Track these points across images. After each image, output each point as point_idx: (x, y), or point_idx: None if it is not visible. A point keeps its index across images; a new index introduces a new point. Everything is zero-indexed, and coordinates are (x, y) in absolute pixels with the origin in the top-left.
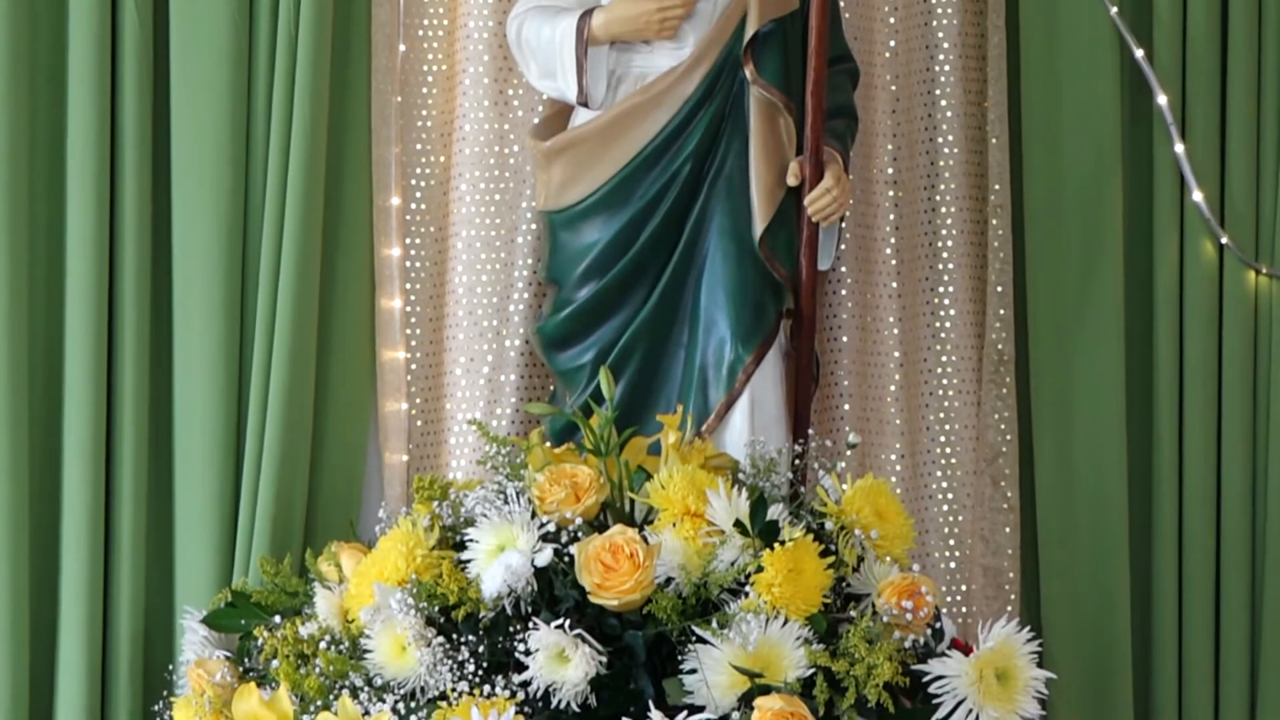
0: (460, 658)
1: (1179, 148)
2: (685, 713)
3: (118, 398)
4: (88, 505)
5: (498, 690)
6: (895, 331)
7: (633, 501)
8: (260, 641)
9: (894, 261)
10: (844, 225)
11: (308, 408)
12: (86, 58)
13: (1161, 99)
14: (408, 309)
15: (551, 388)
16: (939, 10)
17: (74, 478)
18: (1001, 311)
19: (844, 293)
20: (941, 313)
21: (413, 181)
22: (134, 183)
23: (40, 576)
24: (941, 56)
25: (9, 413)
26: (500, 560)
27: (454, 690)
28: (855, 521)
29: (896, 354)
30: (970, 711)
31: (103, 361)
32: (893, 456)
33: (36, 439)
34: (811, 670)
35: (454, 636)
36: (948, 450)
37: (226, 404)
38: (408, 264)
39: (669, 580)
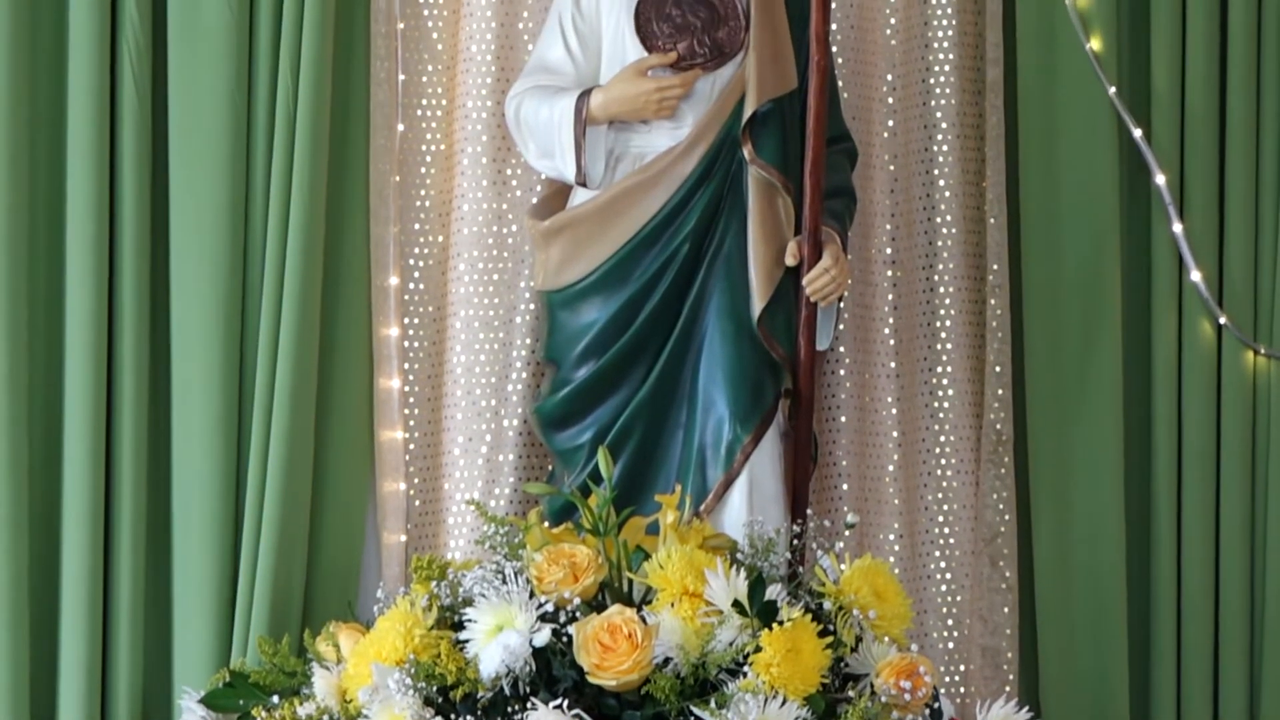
0: None
1: (1177, 227)
2: None
3: (116, 476)
4: (86, 585)
5: None
6: (894, 411)
7: (631, 581)
8: None
9: (892, 341)
10: (842, 305)
11: (306, 487)
12: (85, 135)
13: (1160, 179)
14: (406, 389)
15: (550, 467)
16: (937, 90)
17: (73, 559)
18: (1000, 391)
19: (842, 372)
20: (940, 392)
21: (411, 261)
22: (133, 261)
23: (39, 658)
24: (940, 136)
25: (8, 503)
26: (498, 640)
27: None
28: (854, 601)
29: (895, 434)
30: None
31: (101, 439)
32: (891, 536)
33: (36, 514)
34: None
35: (452, 717)
36: (946, 530)
37: (225, 483)
38: (406, 344)
39: (667, 660)
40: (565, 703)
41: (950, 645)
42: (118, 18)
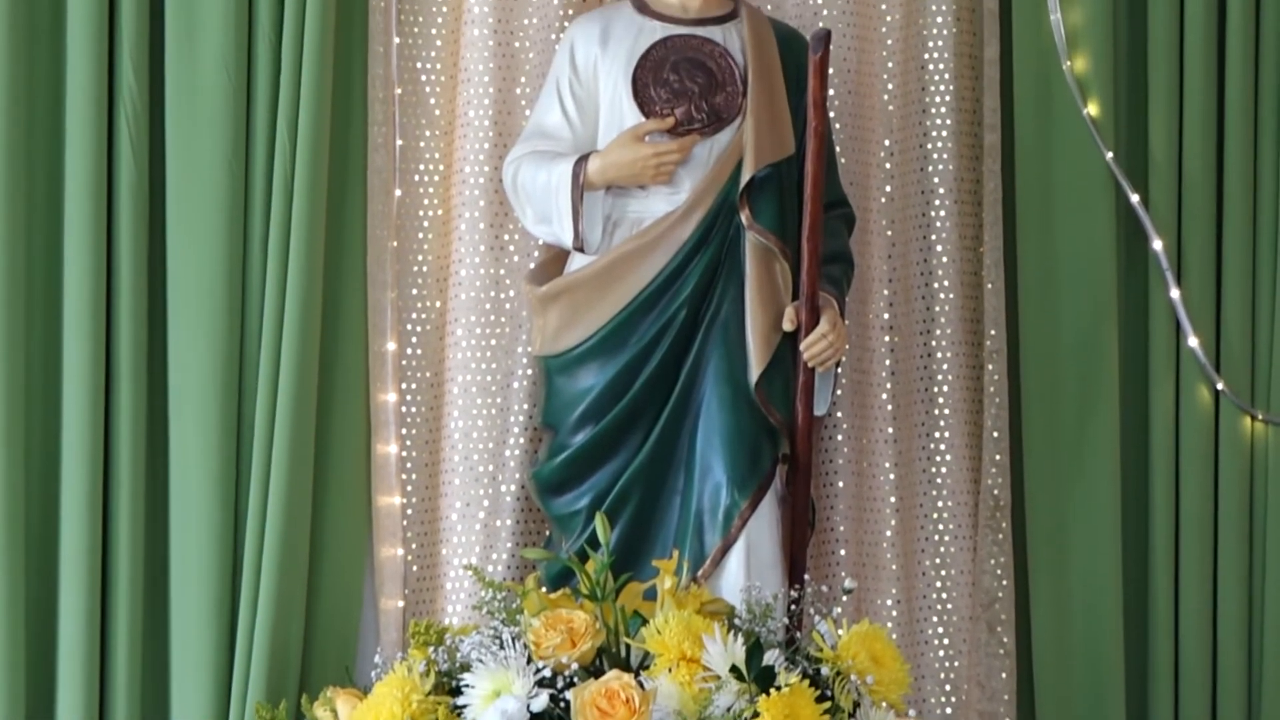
0: None
1: (1175, 293)
2: None
3: (112, 541)
4: (83, 653)
5: None
6: (891, 477)
7: (629, 646)
8: None
9: (890, 407)
10: (840, 370)
11: (304, 553)
12: (82, 199)
13: (1157, 244)
14: (404, 454)
15: (547, 533)
16: (935, 156)
17: (69, 625)
18: (997, 457)
19: (840, 438)
20: (937, 458)
21: (408, 326)
22: (129, 328)
23: None
24: (937, 202)
25: (4, 570)
26: (496, 705)
27: None
28: (851, 667)
29: (892, 499)
30: None
31: (98, 507)
32: (888, 602)
33: (32, 583)
34: None
35: None
36: (943, 595)
37: (222, 547)
38: (404, 409)
39: None
40: None
41: (948, 711)
42: (115, 82)
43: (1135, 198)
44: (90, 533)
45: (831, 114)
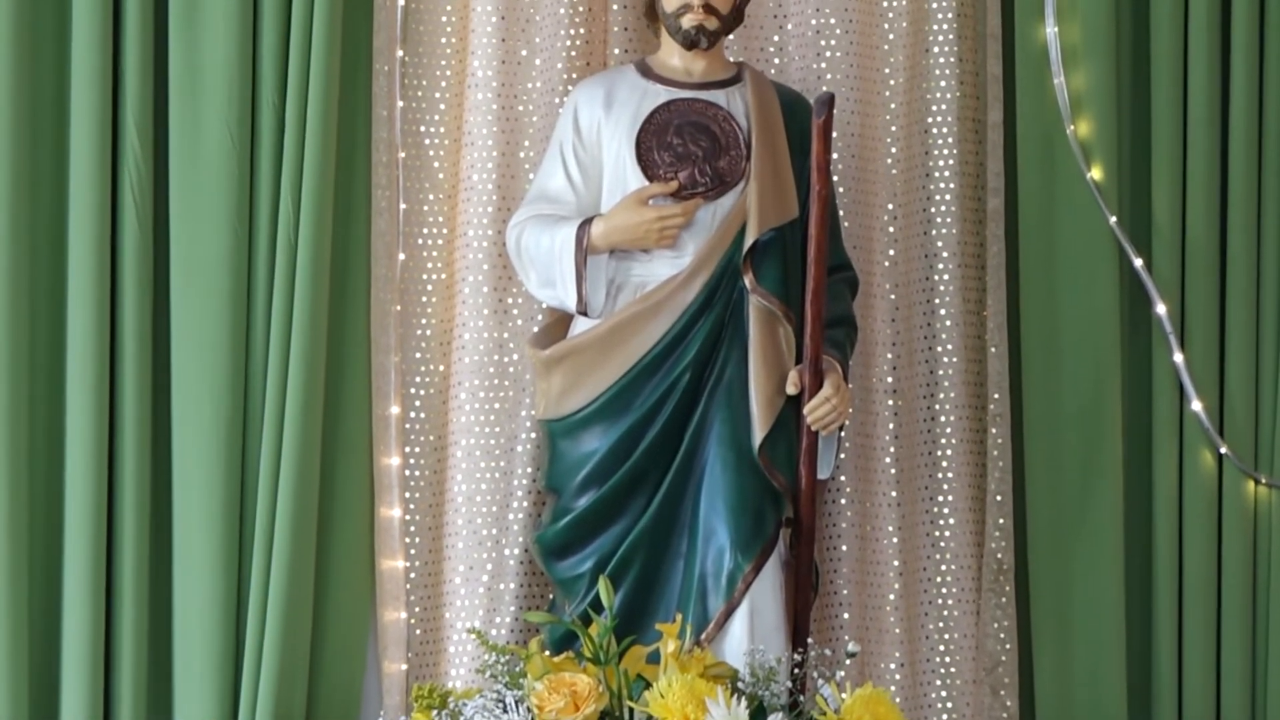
0: None
1: (1178, 357)
2: None
3: (116, 608)
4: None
5: None
6: (895, 540)
7: (632, 710)
8: None
9: (893, 470)
10: (843, 434)
11: (307, 616)
12: (86, 262)
13: (1160, 308)
14: (407, 518)
15: (551, 596)
16: (938, 220)
17: (72, 699)
18: (1001, 520)
19: (843, 501)
20: (941, 521)
21: (412, 390)
22: (134, 390)
23: None
24: (941, 265)
25: (6, 652)
26: None
27: None
28: None
29: (896, 563)
30: None
31: (102, 572)
32: (892, 665)
33: (36, 663)
34: None
35: None
36: (947, 659)
37: (226, 610)
38: (407, 473)
39: None
40: None
41: None
42: (119, 145)
43: (1139, 262)
44: (94, 596)
45: (835, 178)
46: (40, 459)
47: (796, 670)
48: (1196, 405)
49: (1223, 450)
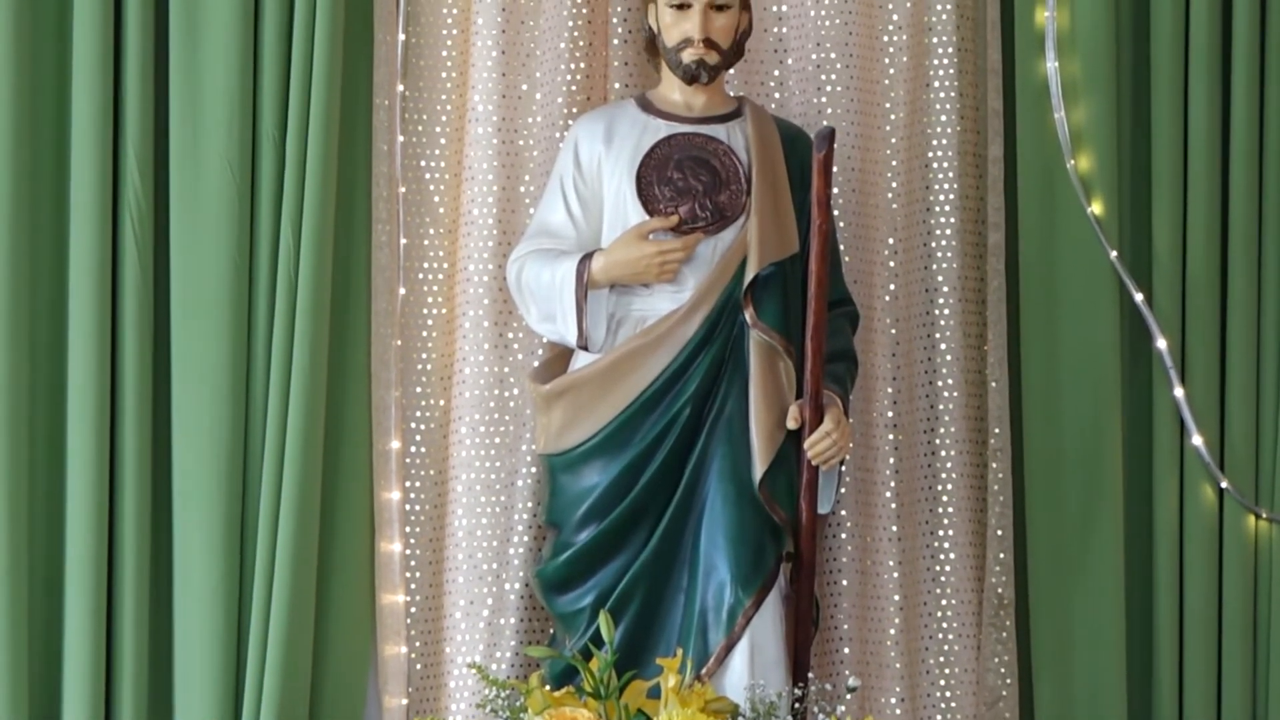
0: None
1: (1178, 392)
2: None
3: (117, 644)
4: None
5: None
6: (895, 575)
7: None
8: None
9: (894, 505)
10: (844, 469)
11: (307, 650)
12: (87, 301)
13: (1161, 343)
14: (407, 552)
15: (551, 631)
16: (939, 254)
17: None
18: (1001, 555)
19: (844, 536)
20: (941, 556)
21: (412, 425)
22: (134, 426)
23: None
24: (941, 300)
25: (6, 681)
26: None
27: None
28: None
29: (896, 597)
30: None
31: (102, 610)
32: (893, 700)
33: (36, 696)
34: None
35: None
36: (948, 694)
37: (226, 643)
38: (407, 507)
39: None
40: None
41: None
42: (119, 179)
43: (1139, 296)
44: (94, 637)
45: (835, 212)
46: (40, 497)
47: (797, 705)
48: (1197, 440)
49: (1223, 485)
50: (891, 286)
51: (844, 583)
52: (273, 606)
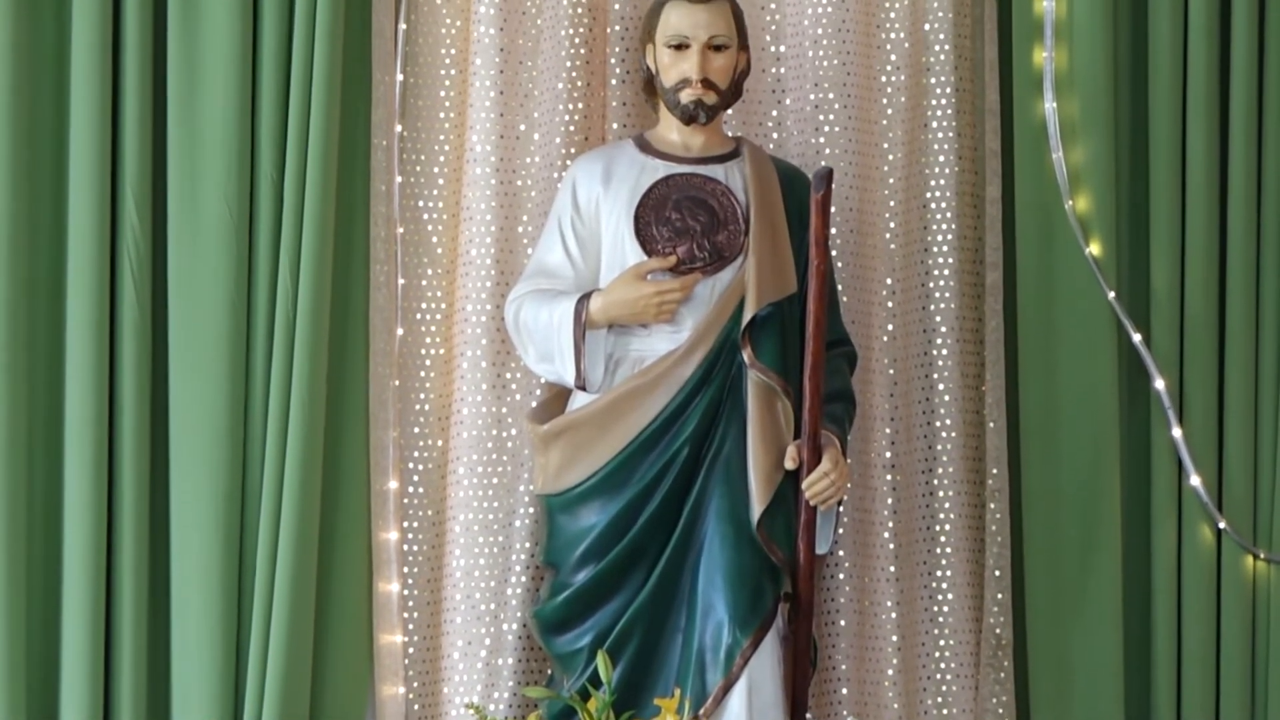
0: None
1: (1177, 432)
2: None
3: (115, 679)
4: None
5: None
6: (893, 615)
7: None
8: None
9: (892, 546)
10: (842, 509)
11: (305, 690)
12: (85, 338)
13: (1159, 383)
14: (405, 592)
15: (549, 671)
16: (937, 294)
17: None
18: (999, 596)
19: (842, 577)
20: (939, 597)
21: (410, 465)
22: (132, 465)
23: None
24: (939, 340)
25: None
26: None
27: None
28: None
29: (894, 638)
30: None
31: (100, 648)
32: None
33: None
34: None
35: None
36: None
37: (224, 685)
38: (405, 547)
39: None
40: None
41: None
42: (117, 220)
43: (1137, 337)
44: (92, 675)
45: (833, 252)
46: (39, 537)
47: None
48: (1195, 480)
49: (1221, 525)
50: (889, 327)
51: (842, 623)
52: (270, 646)
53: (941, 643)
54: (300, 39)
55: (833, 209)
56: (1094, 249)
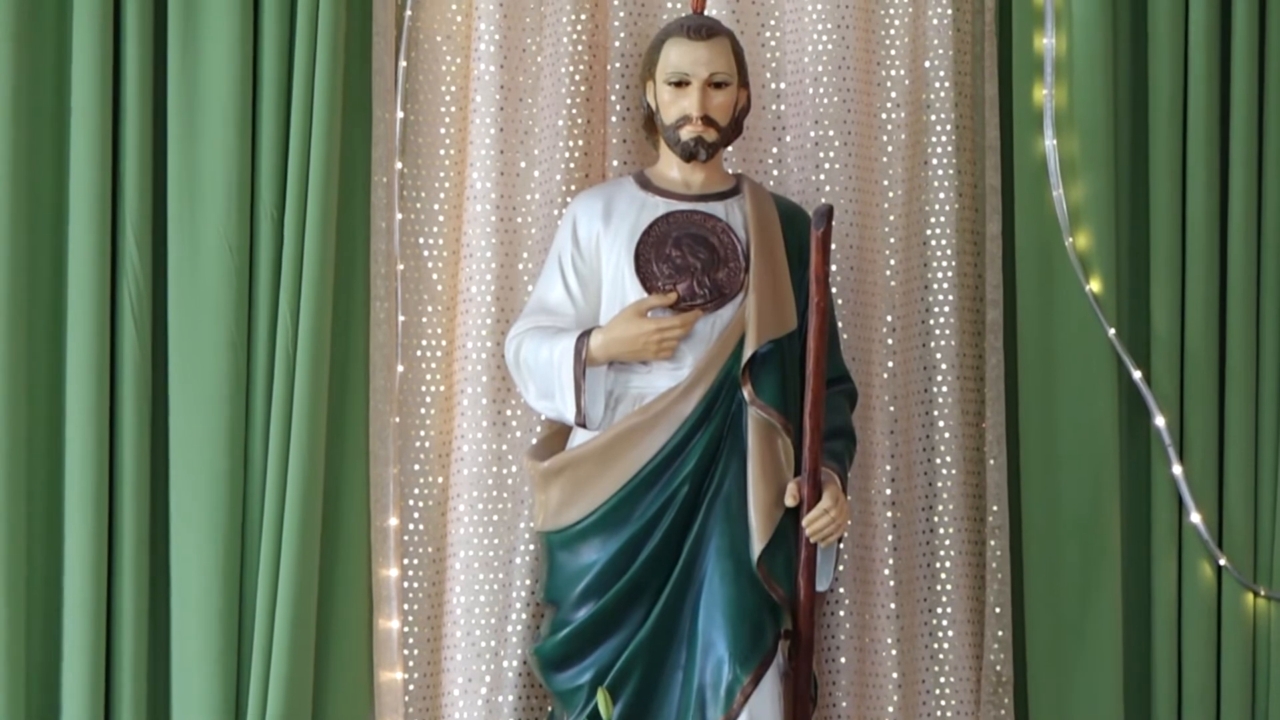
0: None
1: (1177, 469)
2: None
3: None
4: None
5: None
6: (893, 652)
7: None
8: None
9: (892, 582)
10: (842, 546)
11: None
12: (85, 379)
13: (1159, 420)
14: (405, 629)
15: (550, 708)
16: (937, 332)
17: None
18: (1000, 633)
19: (842, 613)
20: (940, 634)
21: (410, 502)
22: (132, 501)
23: None
24: (939, 377)
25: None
26: None
27: None
28: None
29: (895, 675)
30: None
31: (101, 686)
32: None
33: None
34: None
35: None
36: None
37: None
38: (405, 584)
39: None
40: None
41: None
42: (118, 260)
43: (1137, 374)
44: (92, 705)
45: (834, 289)
46: (39, 582)
47: None
48: (1195, 517)
49: (1222, 562)
50: (890, 364)
51: (842, 660)
52: (271, 683)
53: (942, 680)
54: (300, 76)
55: (833, 246)
56: (1094, 286)
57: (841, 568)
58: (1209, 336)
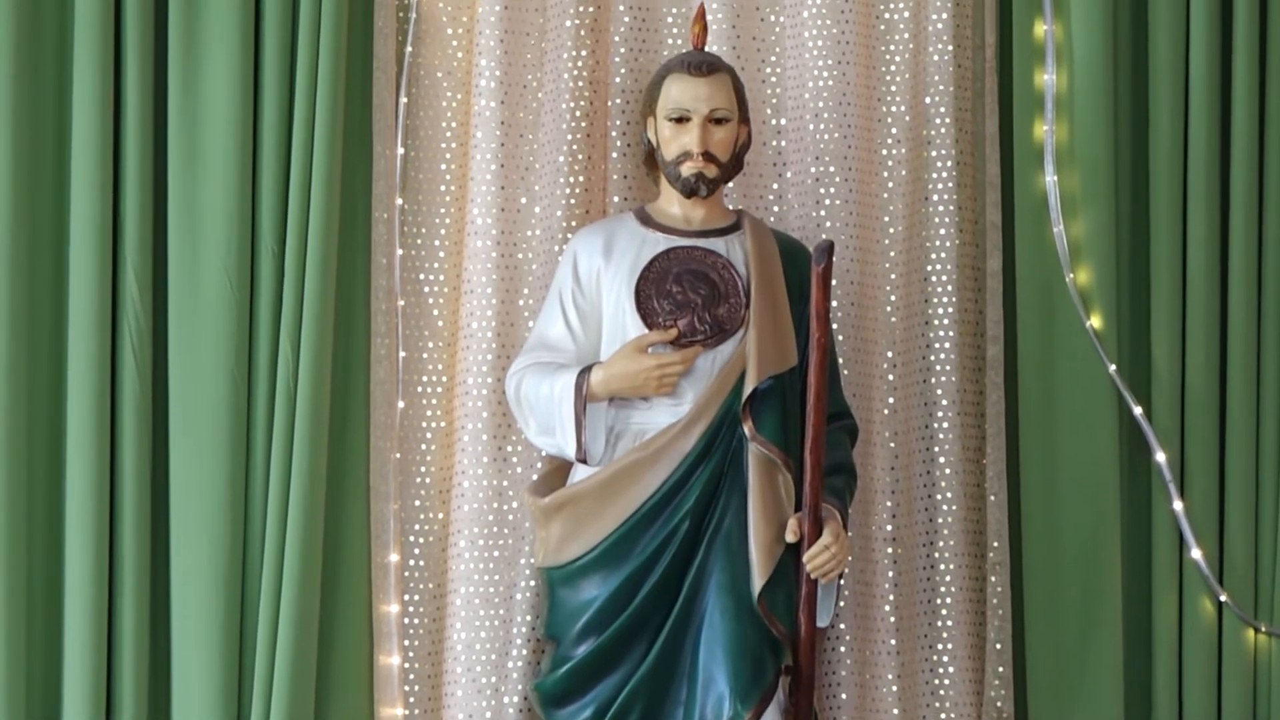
0: None
1: (1177, 505)
2: None
3: None
4: None
5: None
6: (894, 689)
7: None
8: None
9: (893, 619)
10: (843, 582)
11: None
12: (86, 413)
13: (1160, 456)
14: (406, 666)
15: None
16: (937, 368)
17: None
18: (1000, 669)
19: (842, 650)
20: (940, 670)
21: (411, 538)
22: (133, 539)
23: None
24: (940, 414)
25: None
26: None
27: None
28: None
29: (895, 711)
30: None
31: (101, 697)
32: None
33: None
34: None
35: None
36: None
37: None
38: (406, 620)
39: None
40: None
41: None
42: (118, 295)
43: (1138, 410)
44: None
45: (834, 325)
46: (39, 615)
47: None
48: (1196, 553)
49: (1223, 598)
50: (890, 400)
51: (843, 696)
52: (271, 716)
53: (943, 716)
54: (301, 113)
55: (834, 282)
56: (1095, 322)
57: (842, 604)
58: (1210, 372)
